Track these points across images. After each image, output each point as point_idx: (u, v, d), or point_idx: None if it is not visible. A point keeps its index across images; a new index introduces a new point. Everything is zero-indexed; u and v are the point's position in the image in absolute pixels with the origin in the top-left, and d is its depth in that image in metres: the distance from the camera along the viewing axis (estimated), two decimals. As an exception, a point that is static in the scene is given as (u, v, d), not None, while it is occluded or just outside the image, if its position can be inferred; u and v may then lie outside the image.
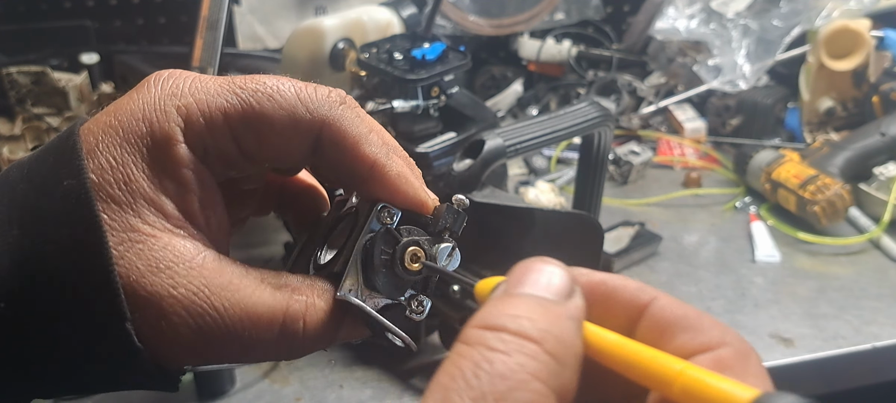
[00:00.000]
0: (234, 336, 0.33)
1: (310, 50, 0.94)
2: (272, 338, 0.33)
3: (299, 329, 0.34)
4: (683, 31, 1.35)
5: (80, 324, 0.31)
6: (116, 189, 0.32)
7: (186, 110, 0.33)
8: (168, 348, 0.32)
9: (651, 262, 1.05)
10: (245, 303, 0.33)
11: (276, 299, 0.34)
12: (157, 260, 0.32)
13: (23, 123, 1.18)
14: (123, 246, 0.31)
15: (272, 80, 0.35)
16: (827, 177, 1.11)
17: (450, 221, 0.37)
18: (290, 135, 0.34)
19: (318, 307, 0.34)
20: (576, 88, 1.45)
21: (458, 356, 0.25)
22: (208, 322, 0.32)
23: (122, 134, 0.33)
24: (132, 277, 0.31)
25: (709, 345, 0.28)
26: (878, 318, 0.92)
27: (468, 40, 1.42)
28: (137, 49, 1.37)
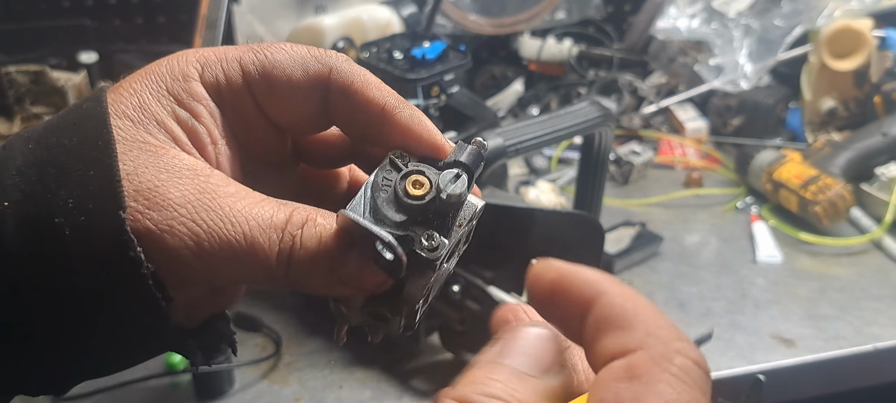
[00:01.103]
0: (236, 241, 0.32)
1: (309, 49, 0.93)
2: (273, 249, 0.33)
3: (298, 240, 0.33)
4: (685, 30, 1.35)
5: (79, 219, 0.31)
6: (131, 109, 0.34)
7: (204, 58, 0.36)
8: (170, 246, 0.31)
9: (652, 263, 1.04)
10: (249, 209, 0.33)
11: (281, 208, 0.33)
12: (162, 162, 0.33)
13: (21, 122, 1.18)
14: (132, 151, 0.32)
15: (284, 42, 0.37)
16: (828, 178, 1.10)
17: (459, 154, 0.35)
18: (301, 80, 0.36)
19: (318, 222, 0.33)
20: (577, 88, 1.45)
21: None
22: (214, 218, 0.32)
23: (142, 74, 0.35)
24: (139, 173, 0.32)
25: (626, 349, 0.26)
26: (880, 319, 0.92)
27: (468, 39, 1.41)
28: (136, 48, 1.36)
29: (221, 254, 0.32)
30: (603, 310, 0.27)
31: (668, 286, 0.99)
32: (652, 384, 0.25)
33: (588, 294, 0.28)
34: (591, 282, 0.28)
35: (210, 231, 0.32)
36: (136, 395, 0.81)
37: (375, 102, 0.36)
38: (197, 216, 0.32)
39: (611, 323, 0.27)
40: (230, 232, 0.32)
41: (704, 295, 0.97)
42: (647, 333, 0.26)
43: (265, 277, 0.33)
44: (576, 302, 0.28)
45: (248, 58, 0.36)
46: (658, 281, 1.00)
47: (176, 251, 0.31)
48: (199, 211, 0.32)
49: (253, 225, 0.32)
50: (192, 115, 0.35)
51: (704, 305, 0.95)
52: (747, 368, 0.84)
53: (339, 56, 0.37)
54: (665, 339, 0.26)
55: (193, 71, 0.35)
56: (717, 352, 0.86)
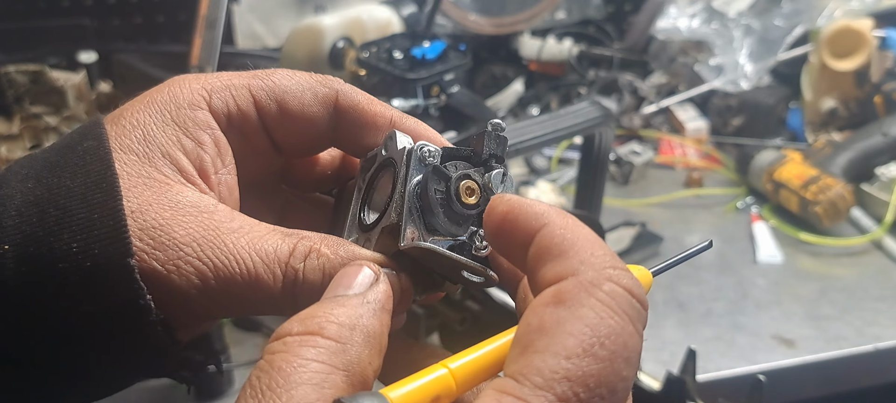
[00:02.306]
0: (241, 277, 0.32)
1: (309, 49, 0.93)
2: (278, 284, 0.33)
3: (301, 274, 0.33)
4: (685, 30, 1.35)
5: (85, 264, 0.30)
6: (135, 143, 0.34)
7: (211, 85, 0.36)
8: (177, 286, 0.31)
9: (652, 263, 1.04)
10: (255, 244, 0.33)
11: (285, 240, 0.34)
12: (167, 199, 0.33)
13: (21, 122, 1.17)
14: (137, 189, 0.32)
15: (285, 69, 0.38)
16: (829, 178, 1.10)
17: (493, 147, 0.36)
18: (312, 105, 0.37)
19: (321, 252, 0.33)
20: (577, 88, 1.44)
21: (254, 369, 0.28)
22: (219, 255, 0.32)
23: (144, 103, 0.35)
24: (143, 212, 0.32)
25: (559, 276, 0.27)
26: (881, 319, 0.91)
27: (468, 39, 1.41)
28: (136, 48, 1.36)
29: (227, 291, 0.32)
30: (544, 240, 0.29)
31: (669, 286, 0.99)
32: (576, 308, 0.26)
33: (534, 225, 0.29)
34: (537, 214, 0.29)
35: (216, 268, 0.32)
36: (136, 395, 0.81)
37: (383, 116, 0.38)
38: (202, 254, 0.32)
39: (549, 252, 0.28)
40: (235, 270, 0.32)
41: (705, 296, 0.96)
42: (580, 261, 0.27)
43: (273, 309, 0.34)
44: (522, 233, 0.30)
45: (257, 84, 0.37)
46: (658, 282, 0.99)
47: (183, 290, 0.31)
48: (205, 249, 0.32)
49: (256, 261, 0.33)
50: (197, 144, 0.35)
51: (705, 306, 0.94)
52: (748, 368, 0.84)
53: (339, 80, 0.39)
54: (597, 266, 0.27)
55: (200, 99, 0.36)
56: (718, 353, 0.86)
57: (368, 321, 0.30)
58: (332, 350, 0.28)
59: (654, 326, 0.91)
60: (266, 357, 0.28)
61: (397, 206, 0.34)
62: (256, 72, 0.37)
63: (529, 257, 0.29)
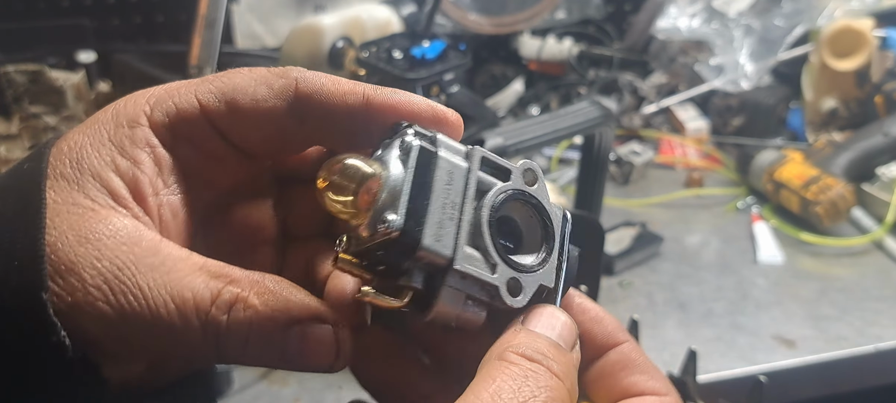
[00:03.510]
0: (156, 320, 0.30)
1: (308, 48, 0.93)
2: (197, 329, 0.31)
3: (223, 324, 0.31)
4: (685, 30, 1.35)
5: (2, 293, 0.30)
6: (68, 167, 0.32)
7: (155, 98, 0.34)
8: (87, 327, 0.30)
9: (653, 263, 1.04)
10: (172, 286, 0.31)
11: (208, 286, 0.31)
12: (87, 230, 0.31)
13: (20, 122, 1.17)
14: (60, 217, 0.31)
15: (241, 67, 0.36)
16: (830, 178, 1.10)
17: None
18: (267, 99, 0.34)
19: (249, 303, 0.31)
20: (577, 87, 1.44)
21: (501, 371, 0.31)
22: (130, 300, 0.30)
23: (88, 124, 0.34)
24: (60, 246, 0.30)
25: (657, 391, 0.36)
26: (881, 320, 0.91)
27: (468, 39, 1.41)
28: (135, 47, 1.36)
29: (140, 335, 0.30)
30: (627, 354, 0.37)
31: (669, 286, 0.99)
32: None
33: (617, 338, 0.38)
34: (619, 328, 0.38)
35: (127, 314, 0.30)
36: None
37: (354, 93, 0.35)
38: (112, 298, 0.30)
39: (636, 367, 0.37)
40: (147, 314, 0.30)
41: (705, 296, 0.96)
42: (668, 385, 0.37)
43: (197, 357, 0.32)
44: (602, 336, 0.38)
45: (205, 88, 0.34)
46: (658, 282, 1.00)
47: (92, 332, 0.30)
48: (116, 292, 0.30)
49: (171, 308, 0.30)
50: (133, 163, 0.33)
51: (705, 306, 0.94)
52: (748, 369, 0.83)
53: (299, 68, 0.36)
54: (676, 396, 0.37)
55: (141, 114, 0.34)
56: (718, 353, 0.86)
57: (576, 387, 0.33)
58: (557, 388, 0.31)
59: (655, 326, 0.90)
60: (520, 368, 0.31)
61: (557, 275, 0.35)
62: (208, 76, 0.35)
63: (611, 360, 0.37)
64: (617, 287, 0.99)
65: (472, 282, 0.32)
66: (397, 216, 0.30)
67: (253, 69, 0.35)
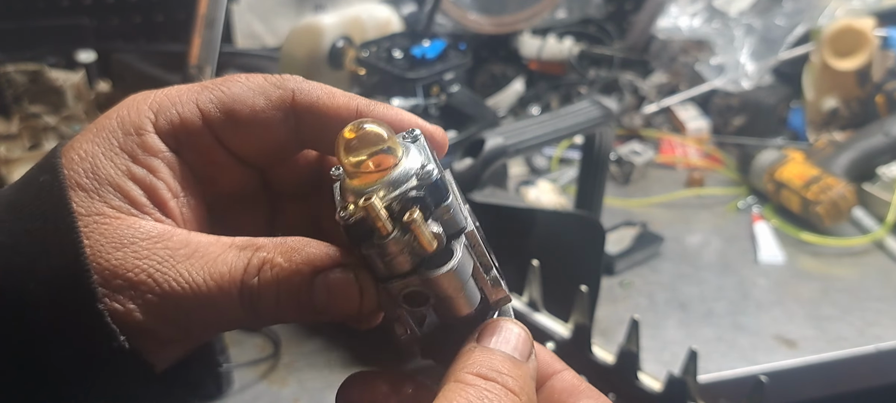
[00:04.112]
0: (201, 300, 0.32)
1: (308, 48, 0.93)
2: (236, 298, 0.33)
3: (256, 287, 0.33)
4: (686, 29, 1.35)
5: (52, 311, 0.31)
6: (84, 177, 0.33)
7: (157, 104, 0.35)
8: (141, 324, 0.31)
9: (653, 263, 1.04)
10: (209, 266, 0.33)
11: (239, 258, 0.33)
12: (121, 237, 0.32)
13: (20, 121, 1.17)
14: (90, 228, 0.32)
15: (239, 74, 0.37)
16: (830, 178, 1.10)
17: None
18: (265, 109, 0.36)
19: (275, 263, 0.33)
20: (577, 87, 1.44)
21: (458, 394, 0.31)
22: (175, 288, 0.32)
23: (94, 131, 0.34)
24: (99, 255, 0.32)
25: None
26: (882, 320, 0.91)
27: (469, 38, 1.41)
28: (135, 47, 1.36)
29: (189, 319, 0.32)
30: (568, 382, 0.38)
31: (670, 286, 0.98)
32: None
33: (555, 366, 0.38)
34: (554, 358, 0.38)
35: (175, 301, 0.32)
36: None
37: (348, 107, 0.36)
38: (158, 289, 0.32)
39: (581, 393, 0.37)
40: (192, 299, 0.32)
41: (706, 296, 0.96)
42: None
43: (239, 324, 0.34)
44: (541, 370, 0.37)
45: (205, 97, 0.35)
46: (659, 282, 1.00)
47: (145, 326, 0.31)
48: (161, 284, 0.32)
49: (212, 285, 0.32)
50: (148, 171, 0.34)
51: (706, 306, 0.94)
52: (749, 369, 0.83)
53: (296, 77, 0.37)
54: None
55: (147, 121, 0.35)
56: (719, 353, 0.86)
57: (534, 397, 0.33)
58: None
59: (656, 326, 0.90)
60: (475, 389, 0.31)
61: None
62: (207, 83, 0.36)
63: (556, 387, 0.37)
64: (617, 287, 0.98)
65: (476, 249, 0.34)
66: (434, 167, 0.32)
67: (250, 77, 0.36)
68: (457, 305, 0.34)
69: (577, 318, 0.66)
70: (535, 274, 0.69)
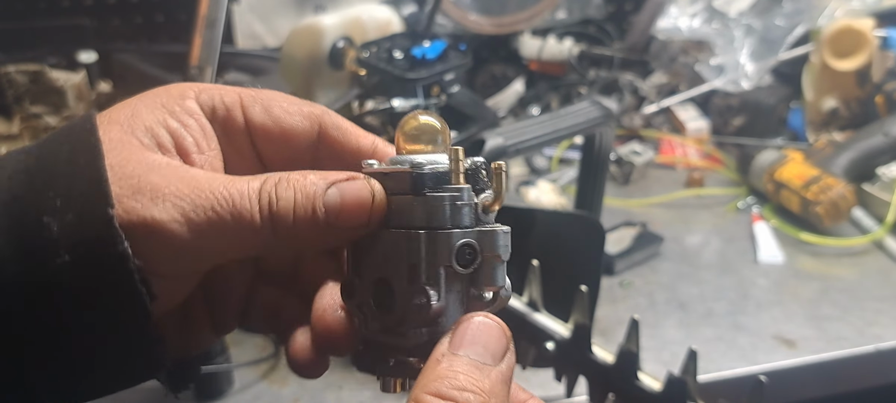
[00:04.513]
0: (221, 209, 0.33)
1: (309, 48, 0.93)
2: (255, 210, 0.34)
3: (273, 195, 0.34)
4: (686, 30, 1.35)
5: (66, 216, 0.32)
6: (122, 117, 0.36)
7: (202, 86, 0.39)
8: (159, 229, 0.32)
9: (653, 263, 1.04)
10: (229, 187, 0.34)
11: (254, 178, 0.35)
12: (145, 160, 0.34)
13: (21, 122, 1.17)
14: (117, 149, 0.34)
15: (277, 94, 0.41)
16: (830, 178, 1.10)
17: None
18: (295, 112, 0.39)
19: (291, 178, 0.35)
20: (577, 87, 1.44)
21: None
22: (196, 197, 0.33)
23: (142, 94, 0.38)
24: (122, 165, 0.33)
25: None
26: (882, 320, 0.91)
27: (469, 39, 1.41)
28: (135, 47, 1.36)
29: (210, 225, 0.33)
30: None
31: (669, 286, 0.99)
32: None
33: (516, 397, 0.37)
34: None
35: (196, 206, 0.33)
36: (137, 395, 0.80)
37: (368, 138, 0.41)
38: (182, 194, 0.33)
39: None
40: (215, 204, 0.33)
41: (706, 296, 0.96)
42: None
43: (253, 239, 0.34)
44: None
45: (247, 92, 0.39)
46: (659, 282, 1.00)
47: (166, 229, 0.32)
48: (184, 190, 0.33)
49: (234, 192, 0.34)
50: (181, 125, 0.37)
51: (706, 306, 0.94)
52: (749, 369, 0.83)
53: (326, 110, 0.40)
54: None
55: (190, 92, 0.38)
56: (719, 353, 0.86)
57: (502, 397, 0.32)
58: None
59: (655, 326, 0.90)
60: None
61: None
62: (251, 91, 0.39)
63: None
64: (617, 287, 0.99)
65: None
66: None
67: (289, 99, 0.40)
68: (499, 271, 0.35)
69: (577, 318, 0.66)
70: (535, 274, 0.69)
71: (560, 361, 0.68)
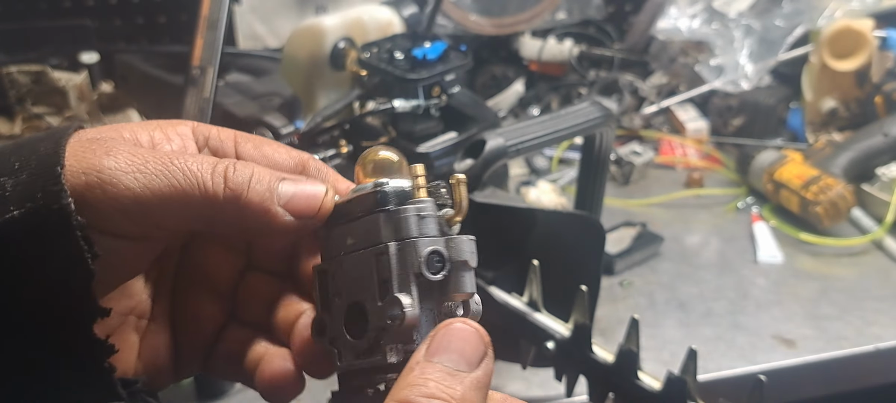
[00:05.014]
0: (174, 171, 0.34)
1: (310, 49, 0.93)
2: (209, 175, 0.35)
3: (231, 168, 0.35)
4: (685, 30, 1.35)
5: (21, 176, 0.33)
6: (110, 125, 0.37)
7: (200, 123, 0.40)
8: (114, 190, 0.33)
9: (653, 263, 1.04)
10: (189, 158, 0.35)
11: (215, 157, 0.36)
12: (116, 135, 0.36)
13: (22, 123, 1.18)
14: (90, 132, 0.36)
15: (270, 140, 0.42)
16: (829, 178, 1.10)
17: None
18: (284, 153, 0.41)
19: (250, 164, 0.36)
20: (577, 88, 1.44)
21: None
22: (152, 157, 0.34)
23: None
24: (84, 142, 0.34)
25: None
26: (881, 319, 0.92)
27: (469, 40, 1.41)
28: (137, 48, 1.37)
29: (162, 180, 0.34)
30: None
31: (669, 286, 0.99)
32: None
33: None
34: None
35: (147, 161, 0.34)
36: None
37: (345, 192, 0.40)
38: (136, 152, 0.34)
39: None
40: (168, 163, 0.34)
41: (705, 296, 0.97)
42: None
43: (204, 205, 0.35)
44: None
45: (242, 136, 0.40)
46: (659, 282, 1.00)
47: (115, 180, 0.33)
48: (140, 151, 0.34)
49: (191, 158, 0.35)
50: (165, 138, 0.38)
51: (705, 305, 0.95)
52: (748, 368, 0.84)
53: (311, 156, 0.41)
54: None
55: (189, 123, 0.39)
56: (718, 353, 0.86)
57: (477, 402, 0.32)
58: None
59: (655, 326, 0.91)
60: None
61: None
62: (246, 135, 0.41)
63: None
64: (617, 286, 0.99)
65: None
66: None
67: (279, 144, 0.41)
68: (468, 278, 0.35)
69: (577, 318, 0.67)
70: (535, 274, 0.70)
71: (560, 360, 0.69)
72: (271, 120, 0.90)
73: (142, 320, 0.40)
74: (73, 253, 0.32)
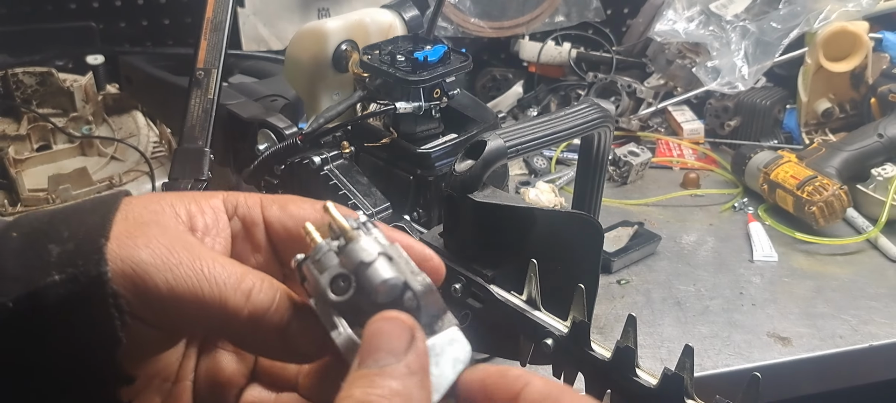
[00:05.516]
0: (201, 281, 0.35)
1: (313, 51, 0.94)
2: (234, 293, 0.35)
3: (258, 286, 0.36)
4: (682, 32, 1.36)
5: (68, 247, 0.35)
6: (146, 196, 0.39)
7: (230, 193, 0.42)
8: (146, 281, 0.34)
9: (649, 262, 1.05)
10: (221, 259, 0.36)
11: (247, 269, 0.37)
12: (157, 215, 0.38)
13: (28, 123, 1.19)
14: (133, 205, 0.37)
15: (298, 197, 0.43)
16: (825, 178, 1.12)
17: None
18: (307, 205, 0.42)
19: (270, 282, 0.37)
20: (576, 90, 1.46)
21: None
22: (184, 260, 0.35)
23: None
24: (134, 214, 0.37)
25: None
26: (876, 318, 0.93)
27: (469, 42, 1.43)
28: (142, 50, 1.38)
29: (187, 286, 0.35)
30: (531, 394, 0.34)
31: (666, 284, 1.00)
32: None
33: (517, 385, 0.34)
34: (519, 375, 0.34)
35: (181, 263, 0.35)
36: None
37: None
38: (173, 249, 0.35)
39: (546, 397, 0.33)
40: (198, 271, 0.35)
41: (701, 294, 0.98)
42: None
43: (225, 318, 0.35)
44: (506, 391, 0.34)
45: (268, 200, 0.42)
46: (655, 280, 1.01)
47: (147, 275, 0.34)
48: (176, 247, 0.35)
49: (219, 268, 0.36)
50: (199, 210, 0.40)
51: (702, 304, 0.96)
52: (744, 366, 0.85)
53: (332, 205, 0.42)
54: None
55: (220, 194, 0.41)
56: (715, 350, 0.87)
57: (419, 393, 0.32)
58: None
59: (652, 324, 0.92)
60: None
61: None
62: (271, 196, 0.42)
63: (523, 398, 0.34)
64: (614, 285, 1.00)
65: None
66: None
67: (302, 199, 0.42)
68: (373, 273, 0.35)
69: (575, 315, 0.67)
70: (534, 272, 0.70)
71: (558, 357, 0.70)
72: (275, 121, 0.91)
73: (166, 383, 0.41)
74: (104, 319, 0.34)
